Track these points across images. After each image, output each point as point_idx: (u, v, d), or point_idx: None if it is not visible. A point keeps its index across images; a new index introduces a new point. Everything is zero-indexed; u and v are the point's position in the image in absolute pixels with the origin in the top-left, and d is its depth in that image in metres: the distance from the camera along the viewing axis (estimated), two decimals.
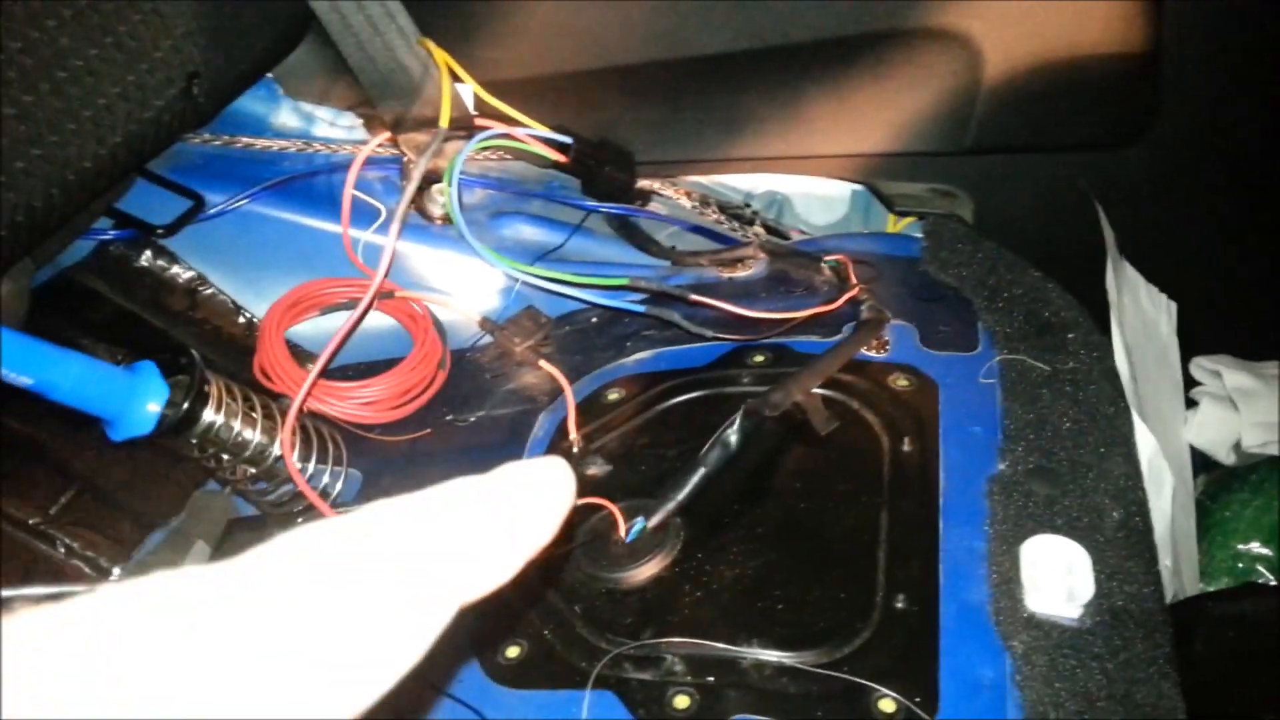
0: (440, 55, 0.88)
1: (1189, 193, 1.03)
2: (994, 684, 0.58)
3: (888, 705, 0.57)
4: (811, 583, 0.65)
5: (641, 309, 0.87)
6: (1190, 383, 1.01)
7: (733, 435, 0.69)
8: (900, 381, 0.78)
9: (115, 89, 0.76)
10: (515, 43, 1.02)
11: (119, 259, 0.93)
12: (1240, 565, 0.91)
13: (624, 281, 0.84)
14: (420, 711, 0.62)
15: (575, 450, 0.79)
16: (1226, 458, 0.96)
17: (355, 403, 0.87)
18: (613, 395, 0.84)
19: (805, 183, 1.13)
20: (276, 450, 0.70)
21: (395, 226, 0.78)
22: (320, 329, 0.93)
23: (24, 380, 0.55)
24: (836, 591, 0.64)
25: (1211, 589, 0.89)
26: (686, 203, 1.08)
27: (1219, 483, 0.97)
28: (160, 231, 0.91)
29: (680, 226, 1.06)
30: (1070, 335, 0.81)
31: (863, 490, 0.70)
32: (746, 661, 0.61)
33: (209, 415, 0.65)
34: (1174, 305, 0.99)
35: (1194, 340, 1.02)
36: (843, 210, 1.15)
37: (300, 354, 0.91)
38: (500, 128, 0.93)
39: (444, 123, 0.82)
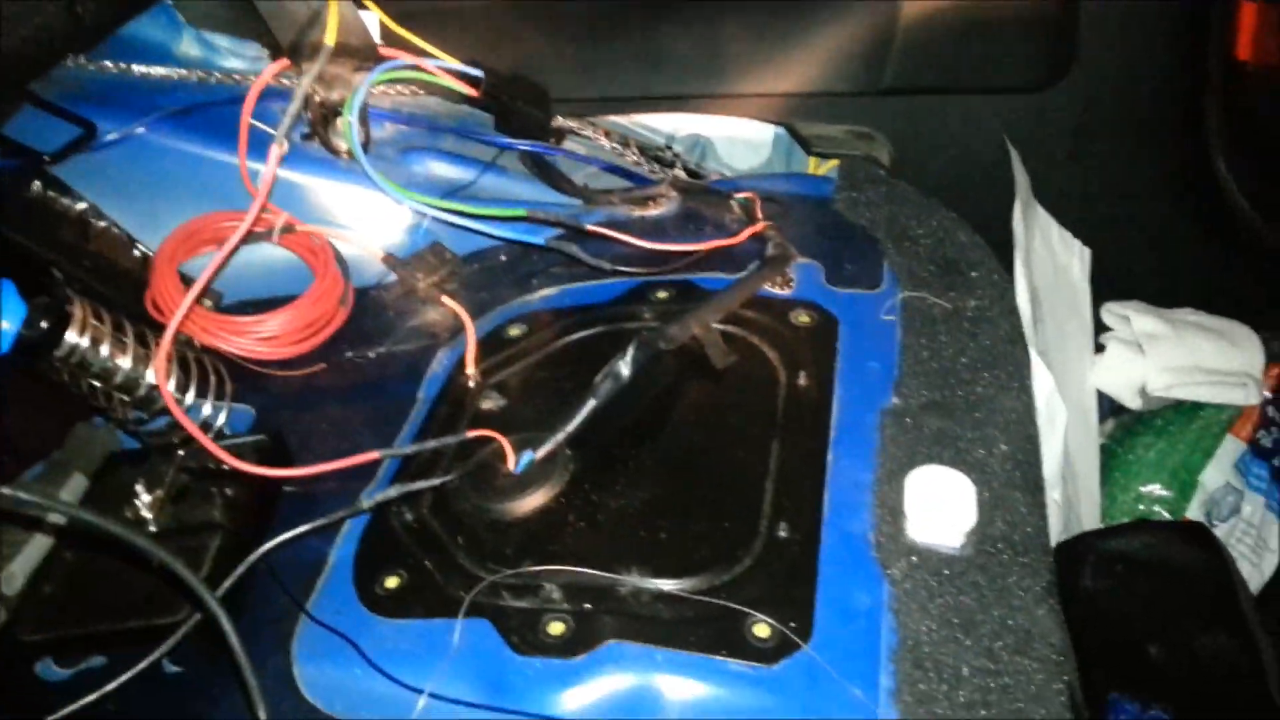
0: None
1: (1105, 137, 1.03)
2: (869, 610, 0.58)
3: (762, 630, 0.57)
4: (697, 513, 0.64)
5: (544, 243, 0.85)
6: (1101, 328, 1.01)
7: (624, 366, 0.69)
8: (802, 318, 0.77)
9: None
10: None
11: (4, 188, 0.89)
12: (1141, 507, 0.92)
13: (521, 213, 0.83)
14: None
15: (472, 385, 0.78)
16: (1132, 401, 0.97)
17: (253, 338, 0.84)
18: (514, 331, 0.82)
19: (728, 125, 1.12)
20: (151, 378, 0.67)
21: (277, 148, 0.75)
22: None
23: None
24: (722, 521, 0.63)
25: None
26: (606, 143, 1.06)
27: (1125, 426, 0.97)
28: (48, 159, 0.88)
29: (598, 166, 1.04)
30: (974, 274, 0.81)
31: (756, 424, 0.70)
32: (625, 589, 0.60)
33: (72, 338, 0.63)
34: (1088, 251, 0.99)
35: (1108, 286, 1.02)
36: (765, 154, 1.14)
37: None
38: (407, 59, 0.91)
39: (329, 41, 0.79)
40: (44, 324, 0.60)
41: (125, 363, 0.66)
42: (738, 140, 1.13)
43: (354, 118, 0.86)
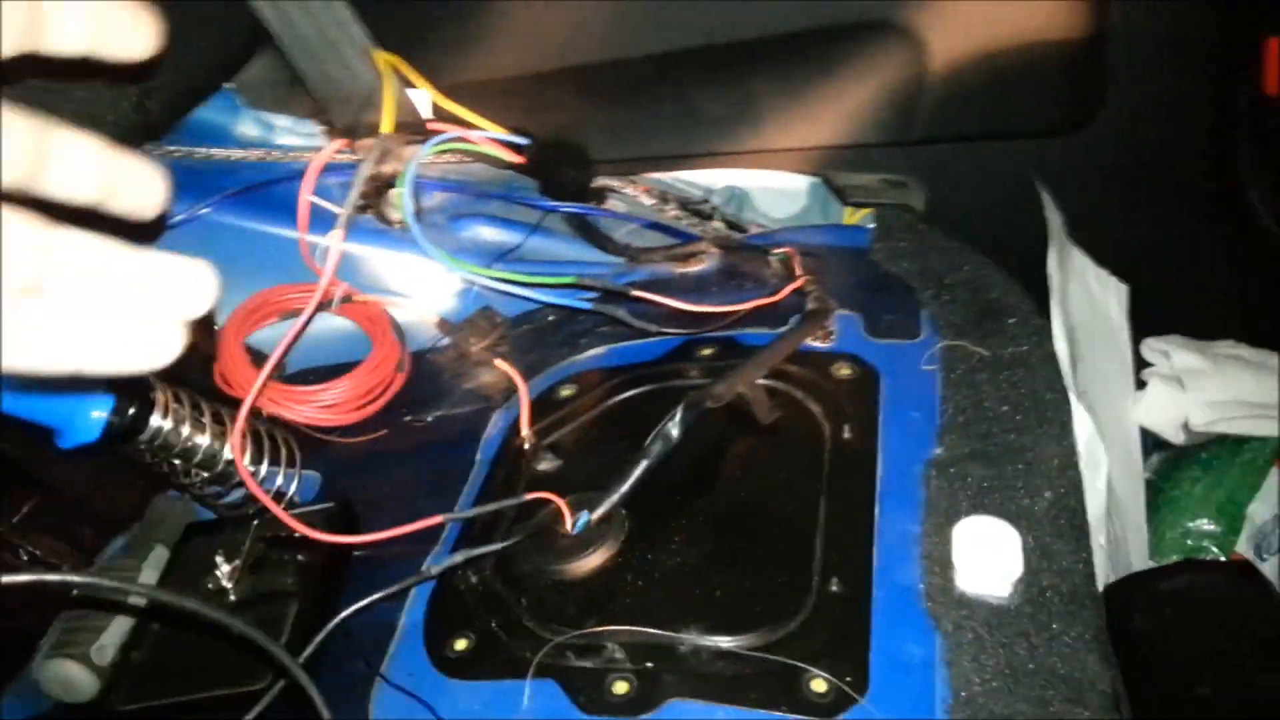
0: (385, 62, 0.90)
1: (1137, 176, 1.04)
2: (923, 662, 0.60)
3: (819, 685, 0.59)
4: (750, 569, 0.66)
5: (590, 306, 0.88)
6: (1142, 364, 1.02)
7: (674, 427, 0.71)
8: (843, 370, 0.80)
9: (67, 105, 0.78)
10: (471, 47, 1.03)
11: None
12: (1190, 542, 0.92)
13: (572, 280, 0.86)
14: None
15: (527, 446, 0.81)
16: (1176, 437, 0.97)
17: (316, 406, 0.89)
18: (565, 391, 0.85)
19: (764, 177, 1.15)
20: (228, 454, 0.71)
21: (340, 230, 0.79)
22: (280, 335, 0.94)
23: None
24: (774, 577, 0.66)
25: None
26: (645, 199, 1.10)
27: (1170, 462, 0.98)
28: None
29: (639, 224, 1.08)
30: (1011, 320, 0.82)
31: (803, 478, 0.72)
32: (684, 647, 0.62)
33: (156, 421, 0.67)
34: (1125, 288, 1.00)
35: (1147, 322, 1.03)
36: (802, 203, 1.16)
37: (261, 360, 0.92)
38: (455, 131, 0.95)
39: (386, 128, 0.84)
40: (131, 411, 0.65)
41: (204, 441, 0.70)
42: (774, 190, 1.16)
43: (408, 190, 0.90)
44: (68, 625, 0.72)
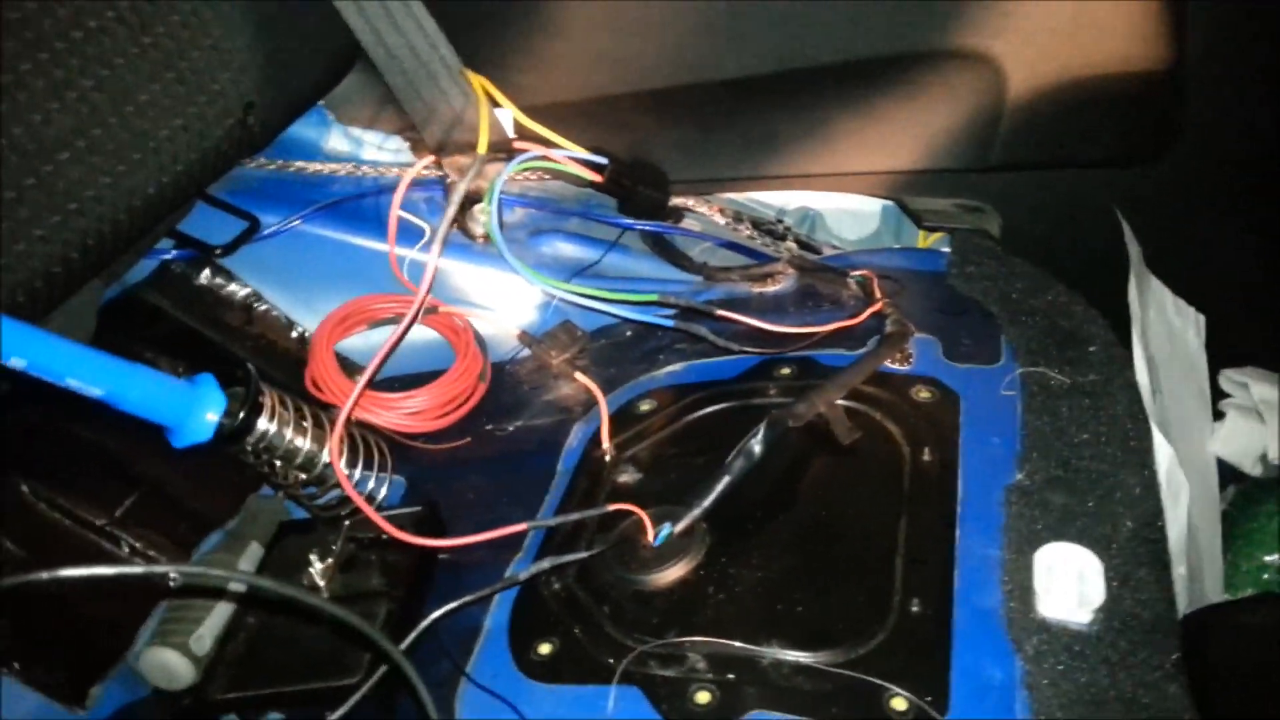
0: (479, 83, 0.93)
1: (1215, 207, 1.04)
2: (1003, 685, 0.60)
3: (900, 704, 0.60)
4: (830, 586, 0.68)
5: (671, 324, 0.90)
6: (1219, 395, 1.01)
7: (757, 445, 0.73)
8: (922, 393, 0.80)
9: (178, 120, 0.82)
10: (553, 69, 1.06)
11: (180, 277, 0.98)
12: (1266, 576, 0.91)
13: (654, 297, 0.88)
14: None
15: (608, 458, 0.83)
16: (1253, 469, 0.97)
17: (401, 413, 0.91)
18: (645, 406, 0.87)
19: (837, 199, 1.16)
20: (325, 457, 0.74)
21: (437, 245, 0.82)
22: (368, 342, 0.98)
23: (94, 391, 0.59)
24: (854, 595, 0.67)
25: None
26: (720, 219, 1.12)
27: (1246, 494, 0.97)
28: (218, 251, 0.97)
29: (714, 242, 1.10)
30: (1091, 348, 0.83)
31: (883, 498, 0.73)
32: (766, 660, 0.63)
33: (263, 424, 0.70)
34: (1202, 318, 1.00)
35: (1224, 352, 1.03)
36: (874, 225, 1.18)
37: (349, 366, 0.96)
38: (538, 150, 0.97)
39: (482, 149, 0.87)
40: (241, 413, 0.68)
41: (304, 444, 0.73)
42: (846, 212, 1.17)
43: (493, 207, 0.93)
44: (168, 615, 0.75)
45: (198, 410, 0.66)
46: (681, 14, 1.00)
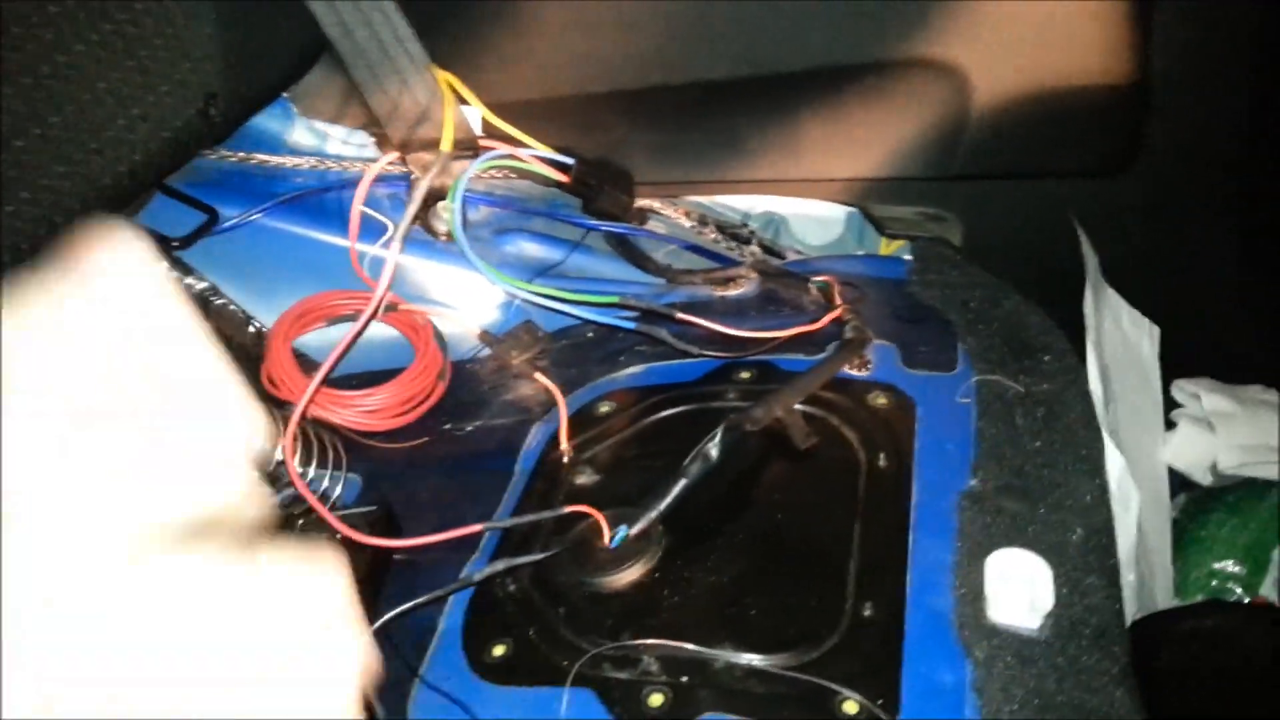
0: (445, 79, 0.92)
1: (1174, 221, 1.05)
2: (954, 689, 0.61)
3: (851, 707, 0.60)
4: (784, 590, 0.68)
5: (632, 326, 0.90)
6: (1172, 405, 1.03)
7: (713, 448, 0.73)
8: (879, 399, 0.81)
9: (136, 110, 0.80)
10: (522, 67, 1.06)
11: None
12: (1215, 583, 0.93)
13: (615, 299, 0.88)
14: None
15: (566, 460, 0.82)
16: (1204, 478, 0.99)
17: (358, 410, 0.90)
18: (604, 408, 0.87)
19: (802, 204, 1.17)
20: (278, 455, 0.73)
21: (397, 242, 0.81)
22: (327, 339, 0.97)
23: None
24: (808, 599, 0.67)
25: None
26: (685, 222, 1.12)
27: (1197, 503, 0.99)
28: (176, 244, 0.95)
29: (678, 245, 1.10)
30: (1046, 358, 0.84)
31: (838, 503, 0.73)
32: (719, 663, 0.64)
33: None
34: (1157, 329, 1.01)
35: (1177, 363, 1.04)
36: (838, 231, 1.18)
37: (307, 363, 0.95)
38: (504, 148, 0.97)
39: (446, 145, 0.86)
40: None
41: None
42: (811, 218, 1.18)
43: (457, 204, 0.93)
44: None
45: None
46: (652, 15, 1.00)
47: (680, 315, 0.87)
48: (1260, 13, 0.96)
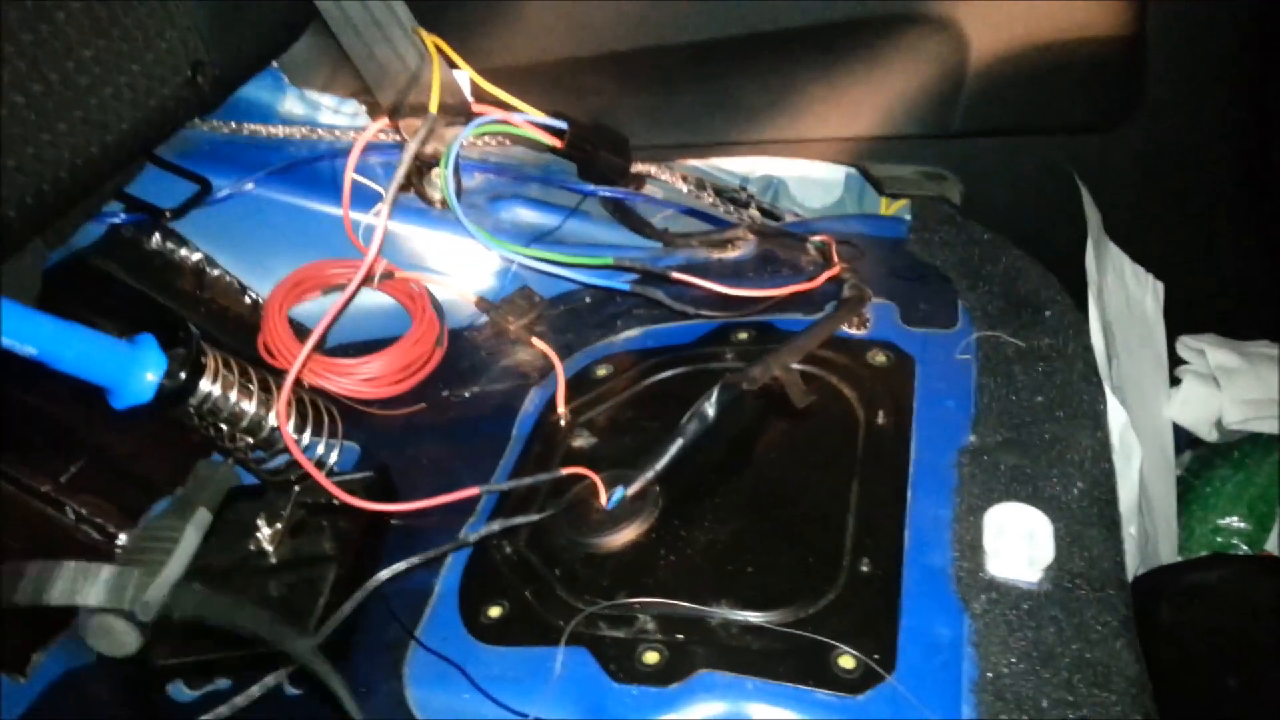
0: (433, 43, 0.91)
1: (1175, 174, 1.04)
2: (952, 643, 0.61)
3: (847, 661, 0.60)
4: (782, 548, 0.67)
5: (629, 288, 0.89)
6: (1177, 361, 1.02)
7: (710, 407, 0.72)
8: (879, 357, 0.80)
9: (122, 78, 0.80)
10: (513, 31, 1.05)
11: (130, 241, 0.96)
12: (1219, 539, 0.92)
13: (610, 261, 0.87)
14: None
15: (563, 424, 0.82)
16: (1209, 434, 0.98)
17: (356, 378, 0.90)
18: (601, 371, 0.87)
19: (800, 166, 1.15)
20: (273, 421, 0.73)
21: (386, 207, 0.81)
22: (323, 308, 0.95)
23: (28, 350, 0.58)
24: (805, 556, 0.66)
25: None
26: (682, 186, 1.10)
27: (1202, 459, 0.98)
28: (168, 215, 0.95)
29: (675, 209, 1.09)
30: (1047, 313, 0.83)
31: (836, 461, 0.73)
32: (714, 620, 0.63)
33: (206, 386, 0.69)
34: (1160, 285, 1.00)
35: (1182, 319, 1.03)
36: (837, 193, 1.17)
37: (303, 332, 0.94)
38: (497, 113, 0.96)
39: (434, 108, 0.85)
40: (182, 374, 0.66)
41: (250, 407, 0.72)
42: (810, 180, 1.16)
43: (449, 170, 0.92)
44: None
45: (137, 371, 0.64)
46: None
47: (676, 275, 0.86)
48: None
